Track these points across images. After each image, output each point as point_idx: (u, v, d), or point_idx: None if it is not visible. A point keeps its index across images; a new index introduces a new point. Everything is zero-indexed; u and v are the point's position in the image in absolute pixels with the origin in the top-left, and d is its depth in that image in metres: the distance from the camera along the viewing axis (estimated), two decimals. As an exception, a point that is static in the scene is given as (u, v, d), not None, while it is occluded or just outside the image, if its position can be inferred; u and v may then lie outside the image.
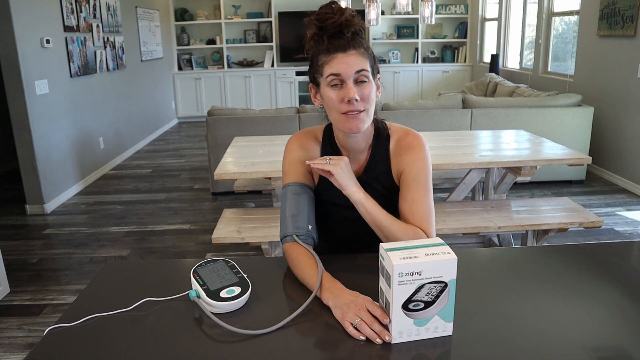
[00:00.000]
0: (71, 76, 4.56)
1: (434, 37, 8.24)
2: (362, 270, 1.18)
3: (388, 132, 1.29)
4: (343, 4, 4.53)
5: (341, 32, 1.15)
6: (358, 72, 1.15)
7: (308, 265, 1.12)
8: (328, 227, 1.35)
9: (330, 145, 1.30)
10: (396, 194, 1.28)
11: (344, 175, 1.17)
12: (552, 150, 2.71)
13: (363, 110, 1.17)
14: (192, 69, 8.20)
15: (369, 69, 1.16)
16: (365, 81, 1.16)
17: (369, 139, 1.28)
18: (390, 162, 1.28)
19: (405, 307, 0.89)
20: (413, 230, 1.18)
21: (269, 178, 2.55)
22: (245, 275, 1.09)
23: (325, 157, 1.21)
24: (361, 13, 7.27)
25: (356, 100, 1.15)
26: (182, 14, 8.03)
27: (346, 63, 1.14)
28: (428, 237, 1.19)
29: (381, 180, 1.28)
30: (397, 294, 0.88)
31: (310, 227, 1.22)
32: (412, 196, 1.21)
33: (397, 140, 1.28)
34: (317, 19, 1.16)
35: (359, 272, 1.17)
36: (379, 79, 1.24)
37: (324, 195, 1.31)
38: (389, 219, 1.18)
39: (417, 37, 8.18)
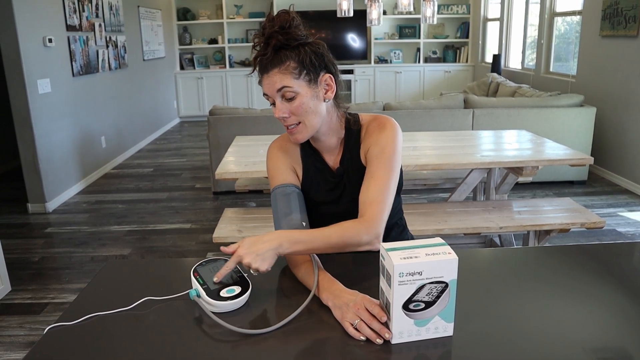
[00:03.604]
0: (73, 75, 4.56)
1: (435, 37, 8.23)
2: (362, 270, 1.18)
3: (359, 124, 1.30)
4: (345, 5, 4.54)
5: (264, 52, 1.15)
6: (279, 90, 1.16)
7: (306, 265, 1.12)
8: (318, 225, 1.35)
9: (308, 145, 1.34)
10: None
11: (250, 248, 1.03)
12: (554, 150, 2.70)
13: (299, 123, 1.20)
14: (194, 68, 8.21)
15: (292, 83, 1.15)
16: (292, 96, 1.16)
17: (338, 134, 1.30)
18: (360, 148, 1.29)
19: (405, 307, 0.89)
20: (352, 227, 1.12)
21: (268, 179, 2.54)
22: (245, 275, 1.09)
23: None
24: (363, 13, 7.26)
25: (285, 117, 1.19)
26: (184, 14, 8.04)
27: (268, 84, 1.17)
28: (370, 221, 1.13)
29: (356, 168, 1.30)
30: (397, 294, 0.88)
31: (304, 224, 1.23)
32: (371, 173, 1.21)
33: (367, 125, 1.30)
34: (254, 39, 1.18)
35: (358, 271, 1.17)
36: (330, 77, 1.20)
37: (309, 194, 1.33)
38: (326, 234, 1.10)
39: (419, 37, 8.18)
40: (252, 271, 1.04)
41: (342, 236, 1.10)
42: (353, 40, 8.11)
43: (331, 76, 1.21)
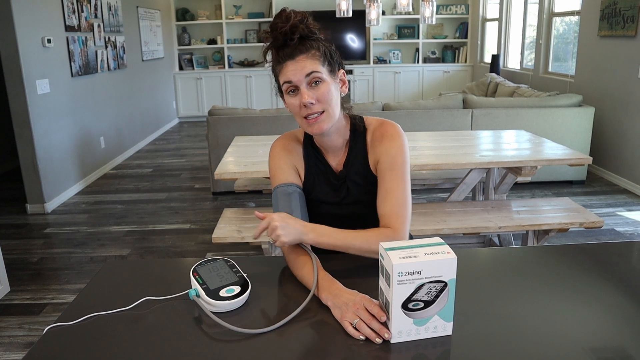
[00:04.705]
0: (72, 76, 4.56)
1: (434, 38, 8.23)
2: (362, 270, 1.18)
3: (364, 126, 1.31)
4: (344, 5, 4.54)
5: (288, 39, 1.15)
6: (308, 75, 1.16)
7: (306, 265, 1.12)
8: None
9: (310, 146, 1.33)
10: (376, 185, 1.29)
11: (283, 219, 1.11)
12: (553, 150, 2.70)
13: (323, 112, 1.19)
14: (193, 68, 8.20)
15: (320, 69, 1.16)
16: (319, 82, 1.17)
17: (344, 135, 1.30)
18: (367, 153, 1.29)
19: (404, 306, 0.89)
20: (377, 235, 1.16)
21: (269, 178, 2.55)
22: (245, 275, 1.09)
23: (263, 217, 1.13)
24: (362, 13, 7.27)
25: (312, 103, 1.17)
26: (183, 14, 8.03)
27: (295, 69, 1.16)
28: (396, 232, 1.17)
29: (361, 173, 1.30)
30: (396, 293, 0.88)
31: None
32: (386, 186, 1.22)
33: (372, 131, 1.29)
34: (268, 31, 1.18)
35: (358, 271, 1.17)
36: (343, 74, 1.25)
37: (311, 194, 1.33)
38: (350, 236, 1.14)
39: (418, 38, 8.18)
40: (271, 239, 1.10)
41: (366, 242, 1.14)
42: (352, 40, 8.12)
43: (344, 72, 1.25)
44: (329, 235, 1.14)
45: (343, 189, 1.32)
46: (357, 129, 1.30)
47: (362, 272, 1.17)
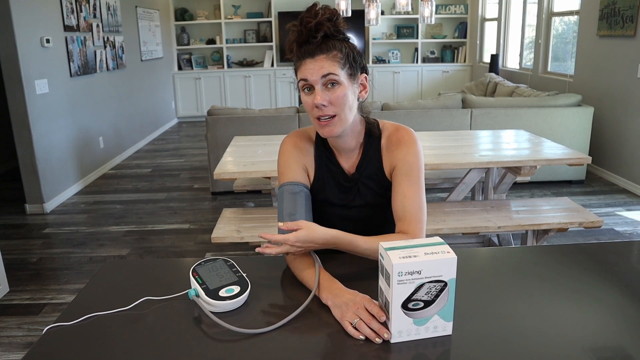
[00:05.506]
0: (71, 76, 4.56)
1: (433, 37, 8.24)
2: (362, 270, 1.18)
3: (379, 130, 1.29)
4: (343, 5, 4.54)
5: (311, 36, 1.14)
6: (325, 76, 1.14)
7: (307, 265, 1.12)
8: (325, 226, 1.35)
9: (322, 145, 1.32)
10: (389, 190, 1.28)
11: (303, 244, 1.10)
12: (552, 150, 2.71)
13: (334, 116, 1.17)
14: (192, 68, 8.20)
15: (338, 72, 1.14)
16: (335, 84, 1.15)
17: (358, 138, 1.28)
18: (382, 158, 1.28)
19: (404, 306, 0.89)
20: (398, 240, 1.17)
21: (269, 178, 2.55)
22: (244, 275, 1.09)
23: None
24: (361, 13, 7.27)
25: (324, 105, 1.15)
26: (182, 14, 8.03)
27: (312, 68, 1.14)
28: (414, 237, 1.18)
29: (374, 177, 1.29)
30: (396, 293, 0.88)
31: None
32: (403, 192, 1.21)
33: (388, 136, 1.28)
34: (296, 23, 1.16)
35: (358, 271, 1.17)
36: (365, 78, 1.23)
37: (319, 195, 1.32)
38: (369, 242, 1.15)
39: (417, 37, 8.18)
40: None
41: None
42: (351, 40, 8.11)
43: (366, 77, 1.23)
44: (350, 242, 1.14)
45: (353, 191, 1.31)
46: (372, 133, 1.28)
47: (362, 273, 1.17)
